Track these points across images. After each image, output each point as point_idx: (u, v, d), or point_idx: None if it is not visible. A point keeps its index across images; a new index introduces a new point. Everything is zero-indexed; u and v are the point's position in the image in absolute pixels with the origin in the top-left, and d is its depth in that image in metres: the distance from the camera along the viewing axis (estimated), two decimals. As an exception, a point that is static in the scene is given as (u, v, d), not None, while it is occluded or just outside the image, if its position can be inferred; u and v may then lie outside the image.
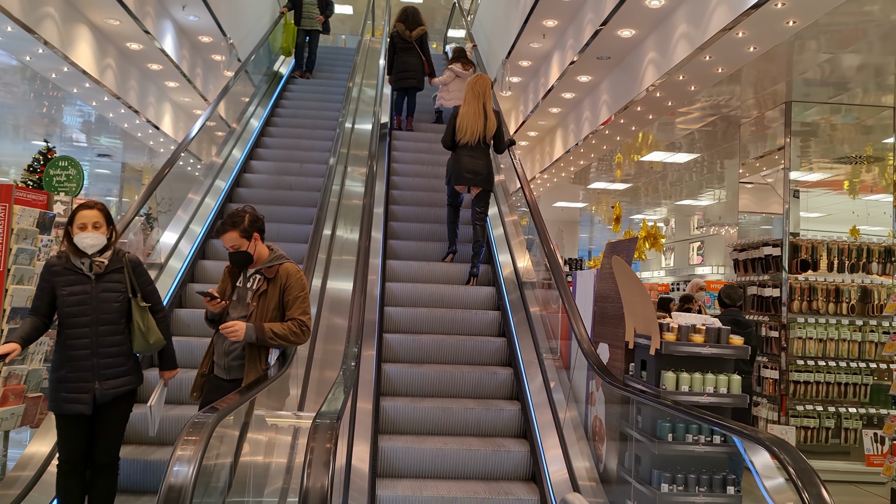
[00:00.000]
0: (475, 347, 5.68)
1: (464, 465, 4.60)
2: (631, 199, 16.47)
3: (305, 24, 11.24)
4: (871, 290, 7.31)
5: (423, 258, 6.82)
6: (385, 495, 4.23)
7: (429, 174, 8.17)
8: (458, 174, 6.32)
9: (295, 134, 9.15)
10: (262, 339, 3.62)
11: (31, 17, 6.97)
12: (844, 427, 7.16)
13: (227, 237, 3.74)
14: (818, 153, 8.79)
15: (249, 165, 8.26)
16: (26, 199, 4.98)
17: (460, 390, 5.32)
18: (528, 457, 4.66)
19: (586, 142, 10.33)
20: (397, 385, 5.29)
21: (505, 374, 5.39)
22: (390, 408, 4.95)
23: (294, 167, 8.23)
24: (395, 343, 5.64)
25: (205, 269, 6.38)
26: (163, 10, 9.05)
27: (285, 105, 10.20)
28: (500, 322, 6.04)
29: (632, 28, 7.62)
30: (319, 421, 2.51)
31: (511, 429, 5.00)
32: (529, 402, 4.99)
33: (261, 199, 7.41)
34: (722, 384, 4.03)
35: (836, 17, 5.60)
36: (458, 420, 4.96)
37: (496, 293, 6.39)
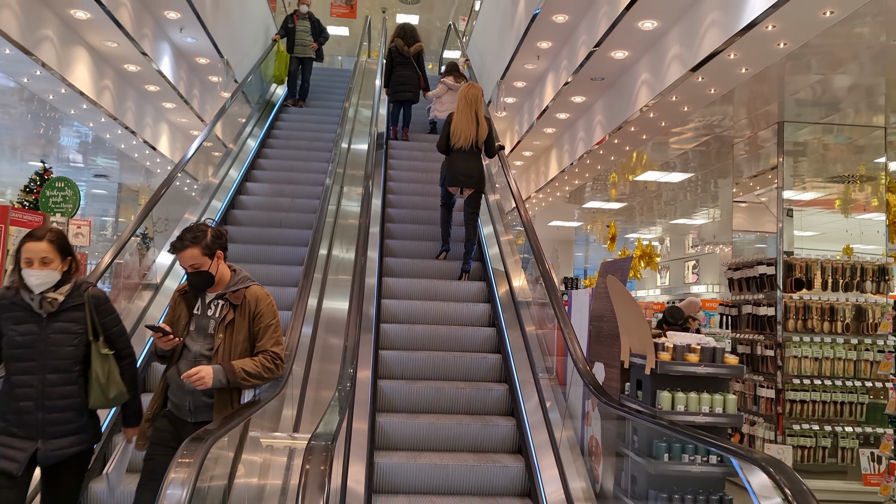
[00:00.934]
0: (471, 364, 5.70)
1: (461, 481, 4.60)
2: (626, 218, 16.53)
3: (298, 51, 11.10)
4: (865, 309, 7.33)
5: (418, 255, 7.22)
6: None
7: (423, 180, 8.67)
8: (451, 176, 6.73)
9: (287, 166, 8.88)
10: (234, 381, 3.17)
11: (29, 39, 7.02)
12: (841, 446, 7.15)
13: (185, 255, 3.24)
14: (811, 172, 8.85)
15: (245, 188, 8.29)
16: (22, 220, 5.00)
17: (456, 407, 5.32)
18: (524, 473, 4.65)
19: (581, 161, 10.39)
20: (393, 402, 5.28)
21: (500, 392, 5.40)
22: (387, 424, 4.95)
23: (289, 189, 8.26)
24: (391, 360, 5.64)
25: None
26: (160, 32, 9.12)
27: (276, 135, 9.96)
28: (495, 339, 6.05)
29: (625, 50, 7.70)
30: (314, 443, 2.50)
31: (507, 446, 5.00)
32: (525, 421, 4.99)
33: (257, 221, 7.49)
34: (717, 403, 4.04)
35: (827, 38, 5.67)
36: (455, 437, 4.96)
37: (492, 311, 6.41)
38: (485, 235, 7.57)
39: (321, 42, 11.34)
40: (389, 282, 6.61)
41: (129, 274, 5.84)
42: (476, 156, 6.83)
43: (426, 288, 6.62)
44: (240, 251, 6.86)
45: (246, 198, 8.05)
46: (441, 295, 6.61)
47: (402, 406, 5.29)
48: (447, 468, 4.59)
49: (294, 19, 11.23)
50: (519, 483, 4.63)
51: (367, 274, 6.26)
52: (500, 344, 5.97)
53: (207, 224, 3.38)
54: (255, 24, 12.53)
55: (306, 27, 11.18)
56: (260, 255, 6.90)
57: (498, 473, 4.62)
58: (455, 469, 4.59)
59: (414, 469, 4.60)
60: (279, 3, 15.73)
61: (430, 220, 7.72)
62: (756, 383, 7.46)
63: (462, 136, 6.73)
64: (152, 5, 8.46)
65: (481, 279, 6.97)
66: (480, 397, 5.35)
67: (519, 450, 4.97)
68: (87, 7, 7.30)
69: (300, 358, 5.02)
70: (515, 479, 4.63)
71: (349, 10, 18.05)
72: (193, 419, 3.24)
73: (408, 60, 9.86)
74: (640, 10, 6.68)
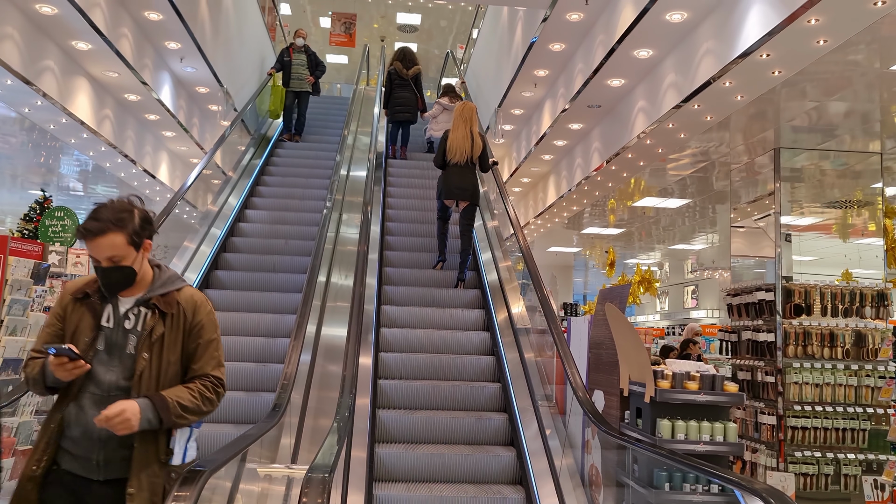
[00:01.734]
0: (470, 394, 5.67)
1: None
2: (624, 244, 16.55)
3: (294, 84, 10.92)
4: (865, 335, 7.31)
5: (416, 265, 7.58)
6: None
7: (421, 196, 9.11)
8: (448, 190, 7.10)
9: (282, 205, 8.73)
10: (168, 420, 2.39)
11: (30, 70, 7.08)
12: (844, 473, 7.09)
13: (103, 243, 2.40)
14: (808, 198, 8.88)
15: (243, 218, 8.31)
16: (21, 249, 5.00)
17: (455, 437, 5.28)
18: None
19: (579, 188, 10.43)
20: (393, 432, 5.25)
21: (500, 421, 5.37)
22: (385, 455, 4.91)
23: (283, 230, 8.20)
24: (389, 389, 5.62)
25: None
26: (161, 62, 9.20)
27: (272, 171, 9.81)
28: (495, 367, 6.04)
29: (621, 77, 7.77)
30: (312, 474, 2.49)
31: (507, 475, 4.96)
32: (525, 449, 4.95)
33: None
34: (718, 432, 4.02)
35: (822, 66, 5.72)
36: (455, 468, 4.92)
37: (491, 339, 6.40)
38: (483, 262, 7.59)
39: (317, 76, 11.12)
40: (388, 298, 6.87)
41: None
42: (471, 170, 7.20)
43: (425, 311, 6.71)
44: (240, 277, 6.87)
45: (244, 229, 8.07)
46: (440, 323, 6.63)
47: (400, 437, 5.26)
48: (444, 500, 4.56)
49: (290, 52, 11.10)
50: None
51: (367, 301, 6.27)
52: (500, 372, 5.95)
53: (133, 202, 2.55)
54: (254, 53, 12.65)
55: (302, 60, 11.02)
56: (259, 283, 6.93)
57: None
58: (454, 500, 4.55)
59: (414, 500, 4.56)
60: (278, 33, 15.89)
61: (427, 233, 8.12)
62: (757, 410, 7.42)
63: (458, 152, 7.11)
64: (153, 36, 8.55)
65: (481, 307, 6.97)
66: (480, 426, 5.33)
67: (519, 480, 4.93)
68: (88, 38, 7.37)
69: (299, 386, 5.00)
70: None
71: (348, 38, 18.23)
72: (103, 476, 2.41)
73: (406, 83, 10.34)
74: (635, 39, 6.75)
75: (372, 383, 5.50)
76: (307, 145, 10.95)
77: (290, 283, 6.90)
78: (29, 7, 6.73)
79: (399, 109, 10.26)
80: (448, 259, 7.43)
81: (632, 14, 6.49)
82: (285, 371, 4.61)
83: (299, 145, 10.86)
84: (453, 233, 7.54)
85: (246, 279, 6.96)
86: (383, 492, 4.58)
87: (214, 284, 6.96)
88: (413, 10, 18.20)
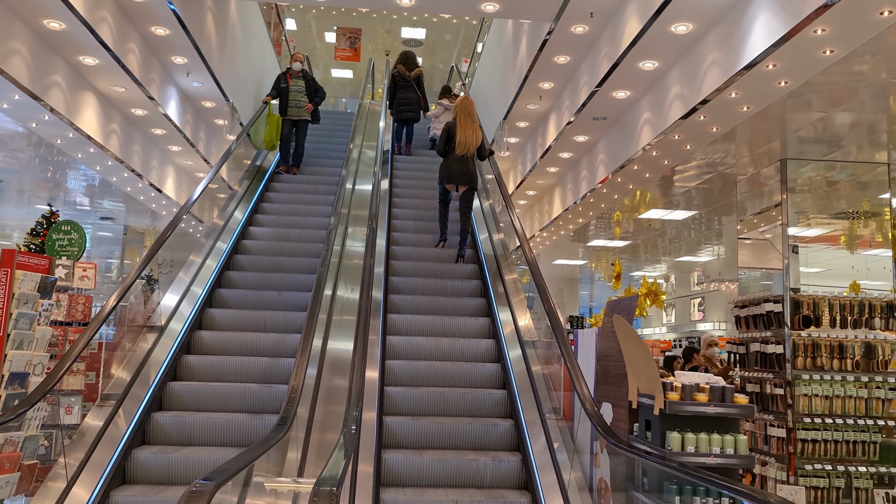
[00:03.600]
0: (476, 399, 5.69)
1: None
2: (630, 256, 16.51)
3: (292, 112, 10.18)
4: (874, 346, 7.25)
5: (421, 244, 8.29)
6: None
7: (425, 186, 9.88)
8: (449, 176, 7.82)
9: (281, 235, 8.33)
10: None
11: (38, 85, 7.12)
12: (855, 486, 7.01)
13: None
14: (815, 209, 8.85)
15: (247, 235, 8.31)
16: (28, 263, 5.00)
17: (461, 442, 5.25)
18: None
19: (585, 200, 10.42)
20: (401, 438, 5.22)
21: (506, 426, 5.34)
22: (393, 467, 4.87)
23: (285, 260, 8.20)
24: (396, 397, 5.59)
25: (211, 320, 6.41)
26: (167, 77, 9.25)
27: (271, 198, 9.39)
28: (501, 376, 6.02)
29: (626, 90, 7.77)
30: (320, 488, 2.46)
31: (512, 480, 4.93)
32: (532, 462, 4.91)
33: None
34: (728, 444, 3.98)
35: (828, 76, 5.72)
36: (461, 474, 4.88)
37: (496, 347, 6.38)
38: (490, 275, 7.57)
39: (317, 102, 10.38)
40: (394, 288, 7.19)
41: (133, 316, 5.83)
42: (471, 158, 7.91)
43: (432, 318, 6.85)
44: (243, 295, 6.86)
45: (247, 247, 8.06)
46: (445, 309, 6.96)
47: (407, 442, 5.22)
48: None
49: (287, 78, 10.32)
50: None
51: (372, 315, 6.26)
52: (506, 381, 5.92)
53: None
54: (260, 68, 12.71)
55: (300, 86, 10.27)
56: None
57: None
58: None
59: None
60: (284, 48, 15.99)
61: (430, 217, 8.92)
62: (766, 422, 7.36)
63: (464, 145, 7.76)
64: (160, 51, 8.60)
65: (486, 315, 6.96)
66: (486, 431, 5.31)
67: (525, 486, 4.90)
68: (95, 53, 7.41)
69: (305, 400, 4.98)
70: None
71: (353, 53, 18.32)
72: None
73: (409, 84, 11.20)
74: (640, 50, 6.76)
75: (378, 397, 5.47)
76: (306, 178, 10.22)
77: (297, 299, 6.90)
78: (37, 23, 6.78)
79: (403, 109, 11.14)
80: (448, 239, 8.20)
81: (637, 26, 6.50)
82: (292, 384, 4.58)
83: (294, 186, 9.99)
84: (453, 218, 8.30)
85: (244, 315, 6.95)
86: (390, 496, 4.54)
87: (216, 311, 6.95)
88: (418, 24, 18.30)
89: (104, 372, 5.42)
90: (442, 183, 7.96)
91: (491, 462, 4.98)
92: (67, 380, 5.31)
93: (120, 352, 5.55)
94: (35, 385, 4.82)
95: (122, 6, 7.49)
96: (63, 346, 5.59)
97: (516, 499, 4.71)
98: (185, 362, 5.89)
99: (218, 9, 9.60)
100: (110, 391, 5.19)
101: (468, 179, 7.78)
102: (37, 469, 4.71)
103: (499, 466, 4.99)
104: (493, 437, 5.33)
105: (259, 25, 12.66)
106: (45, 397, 3.66)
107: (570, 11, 7.18)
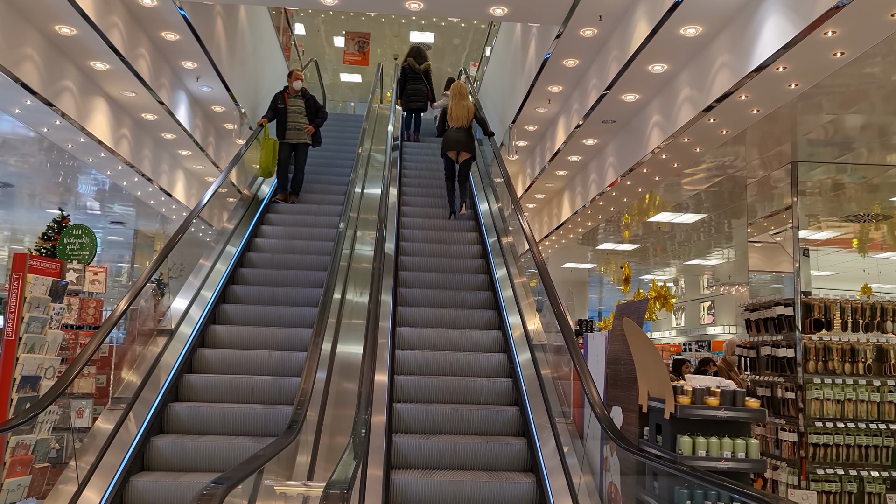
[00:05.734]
0: (487, 392, 5.67)
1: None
2: (640, 260, 16.46)
3: (291, 136, 9.31)
4: (886, 350, 7.20)
5: (429, 216, 9.10)
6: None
7: (430, 168, 10.82)
8: (447, 144, 9.10)
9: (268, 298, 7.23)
10: None
11: (49, 90, 7.17)
12: (868, 491, 6.95)
13: None
14: (826, 212, 8.80)
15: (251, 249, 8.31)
16: (40, 267, 5.03)
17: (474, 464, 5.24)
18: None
19: (593, 203, 10.40)
20: (409, 458, 5.21)
21: (516, 436, 5.32)
22: (401, 481, 4.86)
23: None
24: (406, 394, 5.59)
25: (215, 335, 6.39)
26: (177, 82, 9.29)
27: (261, 246, 8.15)
28: (510, 381, 5.99)
29: (636, 92, 7.76)
30: (329, 492, 2.46)
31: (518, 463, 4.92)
32: (543, 468, 4.89)
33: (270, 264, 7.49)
34: (739, 448, 3.95)
35: (838, 79, 5.69)
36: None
37: (507, 356, 6.36)
38: (499, 278, 7.56)
39: (318, 124, 9.51)
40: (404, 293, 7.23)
41: (144, 320, 5.86)
42: (466, 130, 9.12)
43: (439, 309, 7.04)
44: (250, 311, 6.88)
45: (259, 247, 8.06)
46: (456, 342, 6.68)
47: (417, 462, 5.20)
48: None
49: (285, 98, 9.40)
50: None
51: (382, 318, 6.26)
52: (517, 392, 5.90)
53: None
54: (269, 72, 12.76)
55: (300, 107, 9.38)
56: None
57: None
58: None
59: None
60: (293, 52, 16.04)
61: (437, 193, 9.85)
62: (778, 427, 7.31)
63: (456, 119, 9.11)
64: (170, 56, 8.65)
65: (493, 309, 6.95)
66: (498, 451, 5.28)
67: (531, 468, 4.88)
68: (106, 58, 7.46)
69: (314, 404, 4.98)
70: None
71: (362, 57, 18.37)
72: None
73: (418, 76, 12.11)
74: (649, 53, 6.75)
75: (387, 406, 5.47)
76: (306, 207, 9.29)
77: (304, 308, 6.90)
78: (48, 28, 6.83)
79: (412, 99, 12.10)
80: (457, 213, 9.17)
81: (646, 29, 6.49)
82: (301, 388, 4.59)
83: (293, 211, 9.14)
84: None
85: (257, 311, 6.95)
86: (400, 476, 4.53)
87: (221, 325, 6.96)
88: (426, 28, 18.33)
89: (115, 375, 5.45)
90: (443, 154, 9.13)
91: (507, 483, 4.96)
92: (78, 383, 5.34)
93: (131, 354, 5.58)
94: (46, 388, 4.85)
95: (132, 12, 7.53)
96: (74, 349, 5.62)
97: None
98: (198, 356, 5.98)
99: (227, 14, 9.65)
100: (122, 393, 5.22)
101: (464, 145, 8.97)
102: (48, 472, 4.73)
103: (515, 488, 4.97)
104: (505, 451, 5.33)
105: (268, 30, 12.71)
106: (57, 400, 3.68)
107: (579, 14, 7.18)
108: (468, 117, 9.15)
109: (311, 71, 16.06)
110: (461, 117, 9.13)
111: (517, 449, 5.24)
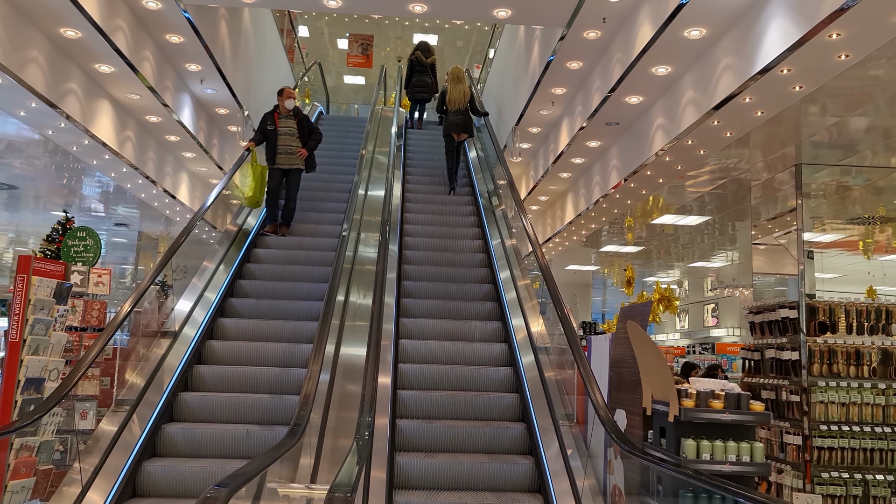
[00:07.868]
0: (489, 402, 5.70)
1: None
2: (643, 262, 16.44)
3: (281, 160, 8.27)
4: (891, 353, 7.18)
5: (431, 202, 9.72)
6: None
7: (432, 151, 11.75)
8: (447, 127, 10.11)
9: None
10: None
11: (54, 93, 7.19)
12: (873, 495, 6.93)
13: None
14: (830, 214, 8.78)
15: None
16: (44, 269, 5.04)
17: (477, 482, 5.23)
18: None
19: (597, 206, 10.39)
20: (411, 478, 5.20)
21: (518, 430, 5.33)
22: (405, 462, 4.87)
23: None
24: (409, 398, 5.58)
25: (222, 328, 6.46)
26: (181, 84, 9.31)
27: (245, 291, 7.21)
28: (513, 379, 6.01)
29: (639, 95, 7.75)
30: (333, 495, 2.46)
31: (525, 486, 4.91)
32: (546, 468, 4.89)
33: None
34: (744, 451, 3.94)
35: (843, 81, 5.68)
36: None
37: (508, 350, 6.37)
38: (502, 280, 7.56)
39: (311, 146, 8.51)
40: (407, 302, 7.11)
41: (147, 322, 5.87)
42: (464, 112, 10.06)
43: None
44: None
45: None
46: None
47: (419, 479, 5.18)
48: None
49: (275, 118, 8.36)
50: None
51: (385, 320, 6.26)
52: (519, 389, 5.89)
53: None
54: (273, 74, 12.78)
55: (291, 128, 8.36)
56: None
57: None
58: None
59: None
60: (297, 54, 16.06)
61: (438, 173, 10.71)
62: (782, 430, 7.29)
63: (454, 102, 10.06)
64: (174, 58, 8.66)
65: (497, 312, 6.95)
66: (500, 452, 5.29)
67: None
68: (111, 61, 7.48)
69: (318, 406, 4.98)
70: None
71: (365, 59, 18.39)
72: None
73: (425, 69, 13.09)
74: (653, 55, 6.74)
75: (391, 406, 5.46)
76: (298, 241, 8.31)
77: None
78: (53, 31, 6.84)
79: (418, 90, 13.13)
80: (456, 190, 10.19)
81: (650, 31, 6.48)
82: (304, 391, 4.59)
83: (290, 241, 8.26)
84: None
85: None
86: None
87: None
88: (430, 30, 18.34)
89: (119, 377, 5.46)
90: (444, 135, 10.14)
91: (503, 465, 4.97)
92: (82, 385, 5.34)
93: (134, 356, 5.59)
94: (50, 390, 4.85)
95: (136, 14, 7.55)
96: (78, 351, 5.62)
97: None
98: (195, 372, 5.97)
99: (231, 16, 9.67)
100: (125, 394, 5.23)
101: (462, 127, 10.00)
102: (52, 474, 4.73)
103: (512, 469, 4.97)
104: (504, 435, 5.33)
105: (272, 32, 12.73)
106: (61, 402, 3.69)
107: (583, 17, 7.17)
108: (464, 100, 10.08)
109: (315, 73, 16.06)
110: (457, 100, 10.05)
111: (516, 432, 5.37)
